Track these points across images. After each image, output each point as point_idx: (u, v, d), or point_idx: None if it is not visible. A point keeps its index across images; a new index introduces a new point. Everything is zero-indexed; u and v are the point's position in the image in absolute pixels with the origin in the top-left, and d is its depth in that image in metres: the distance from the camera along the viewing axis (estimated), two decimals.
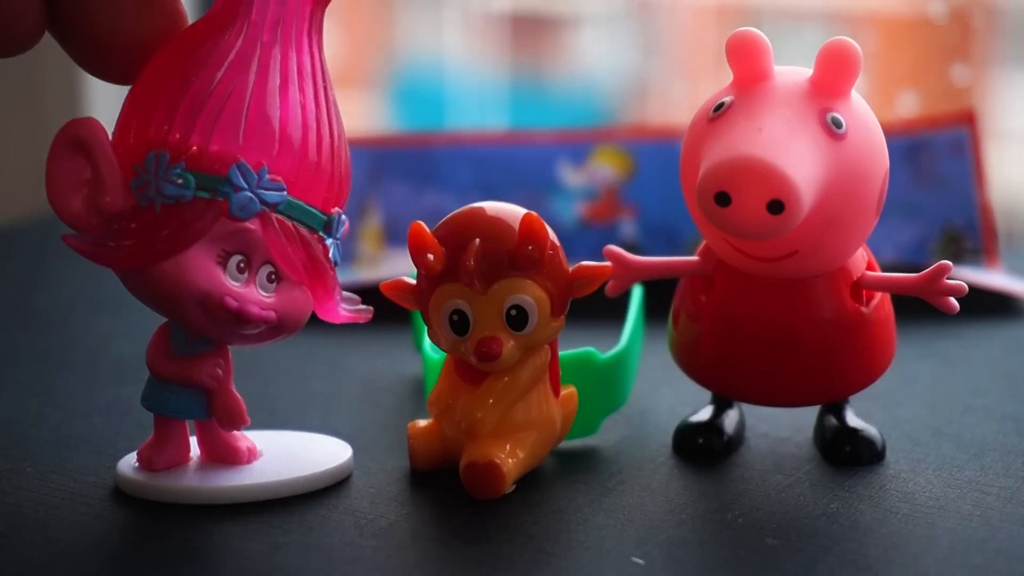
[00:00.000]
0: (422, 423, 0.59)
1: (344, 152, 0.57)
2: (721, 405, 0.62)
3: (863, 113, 0.56)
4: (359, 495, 0.57)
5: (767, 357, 0.59)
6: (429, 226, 0.56)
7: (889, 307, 0.60)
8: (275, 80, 0.55)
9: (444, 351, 0.58)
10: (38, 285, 0.93)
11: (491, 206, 0.57)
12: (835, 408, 0.61)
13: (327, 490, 0.57)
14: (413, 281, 0.58)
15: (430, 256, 0.56)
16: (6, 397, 0.70)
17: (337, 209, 0.56)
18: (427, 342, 0.62)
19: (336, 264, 0.57)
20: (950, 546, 0.52)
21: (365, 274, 0.89)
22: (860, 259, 0.59)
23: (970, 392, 0.71)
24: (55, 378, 0.73)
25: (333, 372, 0.75)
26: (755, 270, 0.58)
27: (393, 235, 0.94)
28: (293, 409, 0.68)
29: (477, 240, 0.55)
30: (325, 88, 0.56)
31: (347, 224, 0.57)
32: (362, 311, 0.58)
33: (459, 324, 0.56)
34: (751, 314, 0.58)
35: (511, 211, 0.57)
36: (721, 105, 0.56)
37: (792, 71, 0.57)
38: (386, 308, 0.63)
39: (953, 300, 0.57)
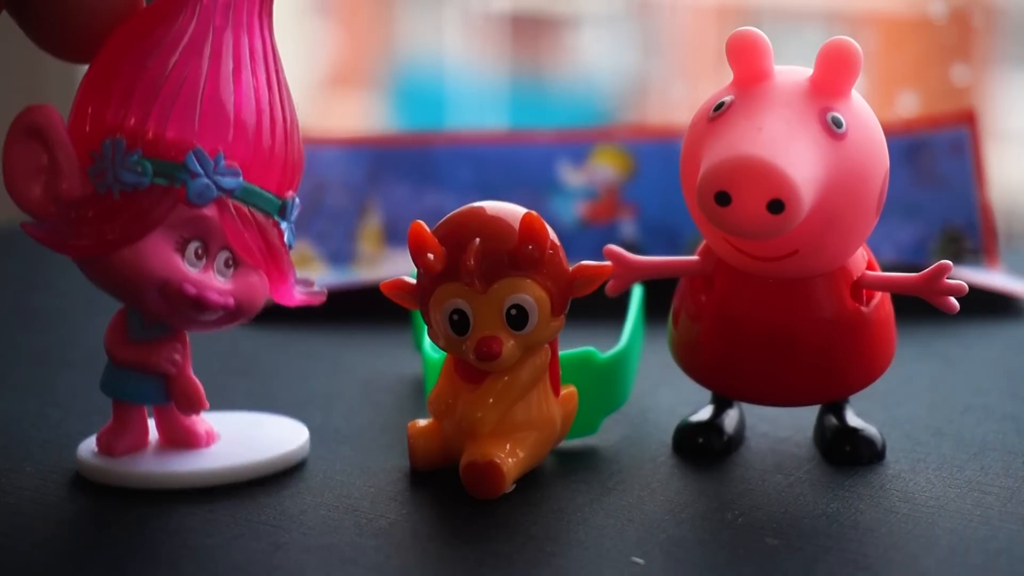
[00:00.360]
0: (422, 423, 0.59)
1: (296, 136, 0.57)
2: (721, 405, 0.62)
3: (863, 113, 0.56)
4: (359, 495, 0.57)
5: (767, 357, 0.58)
6: (429, 226, 0.56)
7: (889, 307, 0.60)
8: (228, 65, 0.55)
9: (444, 351, 0.58)
10: (38, 285, 0.93)
11: (491, 206, 0.57)
12: (835, 408, 0.61)
13: (327, 490, 0.57)
14: (413, 281, 0.58)
15: (430, 256, 0.56)
16: (6, 397, 0.70)
17: (291, 193, 0.57)
18: (427, 342, 0.62)
19: (290, 248, 0.57)
20: (950, 546, 0.52)
21: (365, 274, 0.89)
22: (860, 259, 0.59)
23: (970, 392, 0.71)
24: (55, 378, 0.73)
25: (333, 372, 0.75)
26: (755, 270, 0.58)
27: (393, 235, 0.94)
28: (293, 409, 0.68)
29: (477, 240, 0.55)
30: (277, 72, 0.57)
31: (300, 207, 0.58)
32: (316, 294, 0.59)
33: (459, 324, 0.56)
34: (751, 314, 0.58)
35: (511, 211, 0.57)
36: (721, 105, 0.56)
37: (792, 71, 0.57)
38: (386, 308, 0.63)
39: (953, 300, 0.57)
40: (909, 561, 0.51)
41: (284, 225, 0.57)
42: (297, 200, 0.58)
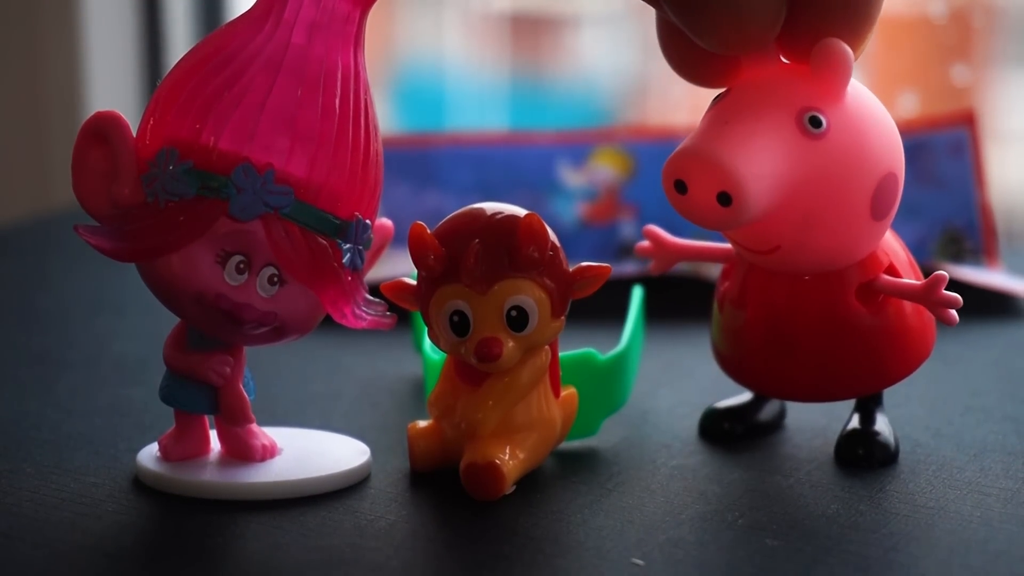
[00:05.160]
0: (422, 424, 0.59)
1: (373, 160, 0.56)
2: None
3: (859, 115, 0.56)
4: (359, 495, 0.57)
5: (767, 350, 0.59)
6: (429, 226, 0.56)
7: (914, 317, 0.59)
8: (300, 82, 0.54)
9: (444, 352, 0.58)
10: (38, 285, 0.93)
11: (491, 206, 0.57)
12: (864, 407, 0.61)
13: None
14: (413, 281, 0.58)
15: (430, 256, 0.56)
16: (6, 397, 0.70)
17: (357, 215, 0.56)
18: (427, 342, 0.62)
19: (356, 270, 0.56)
20: (950, 547, 0.52)
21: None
22: (877, 261, 0.58)
23: (970, 393, 0.71)
24: (55, 378, 0.73)
25: (333, 372, 0.75)
26: (757, 262, 0.58)
27: (393, 236, 0.94)
28: (293, 409, 0.68)
29: (477, 240, 0.55)
30: (356, 94, 0.56)
31: (370, 232, 0.57)
32: (384, 318, 0.57)
33: (459, 325, 0.56)
34: (755, 307, 0.59)
35: (511, 211, 0.57)
36: (718, 96, 0.57)
37: (794, 69, 0.56)
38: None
39: (953, 312, 0.57)
40: (909, 562, 0.51)
41: (345, 247, 0.56)
42: (367, 223, 0.56)
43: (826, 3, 0.55)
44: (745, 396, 0.63)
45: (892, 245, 0.59)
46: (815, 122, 0.55)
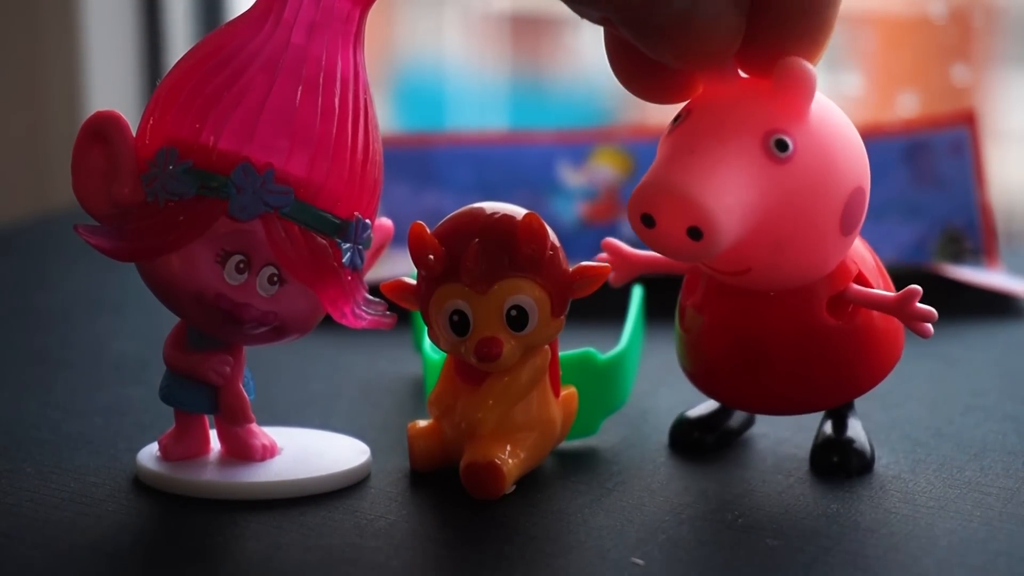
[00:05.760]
0: (422, 423, 0.59)
1: (372, 160, 0.56)
2: None
3: (824, 132, 0.55)
4: (359, 495, 0.57)
5: (739, 365, 0.58)
6: (429, 226, 0.56)
7: (882, 323, 0.58)
8: (300, 82, 0.54)
9: (444, 351, 0.58)
10: (38, 285, 0.93)
11: (491, 206, 0.57)
12: (836, 414, 0.61)
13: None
14: (413, 281, 0.58)
15: (430, 256, 0.56)
16: (6, 397, 0.70)
17: (357, 215, 0.56)
18: (427, 342, 0.62)
19: (356, 269, 0.56)
20: (950, 546, 0.52)
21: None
22: (846, 272, 0.57)
23: (970, 392, 0.71)
24: (55, 378, 0.73)
25: (333, 372, 0.75)
26: (726, 282, 0.57)
27: (393, 236, 0.94)
28: (293, 409, 0.68)
29: (477, 240, 0.55)
30: (356, 93, 0.56)
31: (370, 231, 0.57)
32: (384, 317, 0.57)
33: (459, 324, 0.56)
34: (725, 322, 0.58)
35: (511, 211, 0.57)
36: (679, 117, 0.56)
37: (754, 86, 0.55)
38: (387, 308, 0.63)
39: (928, 326, 0.56)
40: (909, 562, 0.51)
41: (345, 246, 0.56)
42: (367, 223, 0.56)
43: (785, 13, 0.54)
44: (713, 404, 0.63)
45: (859, 251, 0.58)
46: (781, 145, 0.54)
